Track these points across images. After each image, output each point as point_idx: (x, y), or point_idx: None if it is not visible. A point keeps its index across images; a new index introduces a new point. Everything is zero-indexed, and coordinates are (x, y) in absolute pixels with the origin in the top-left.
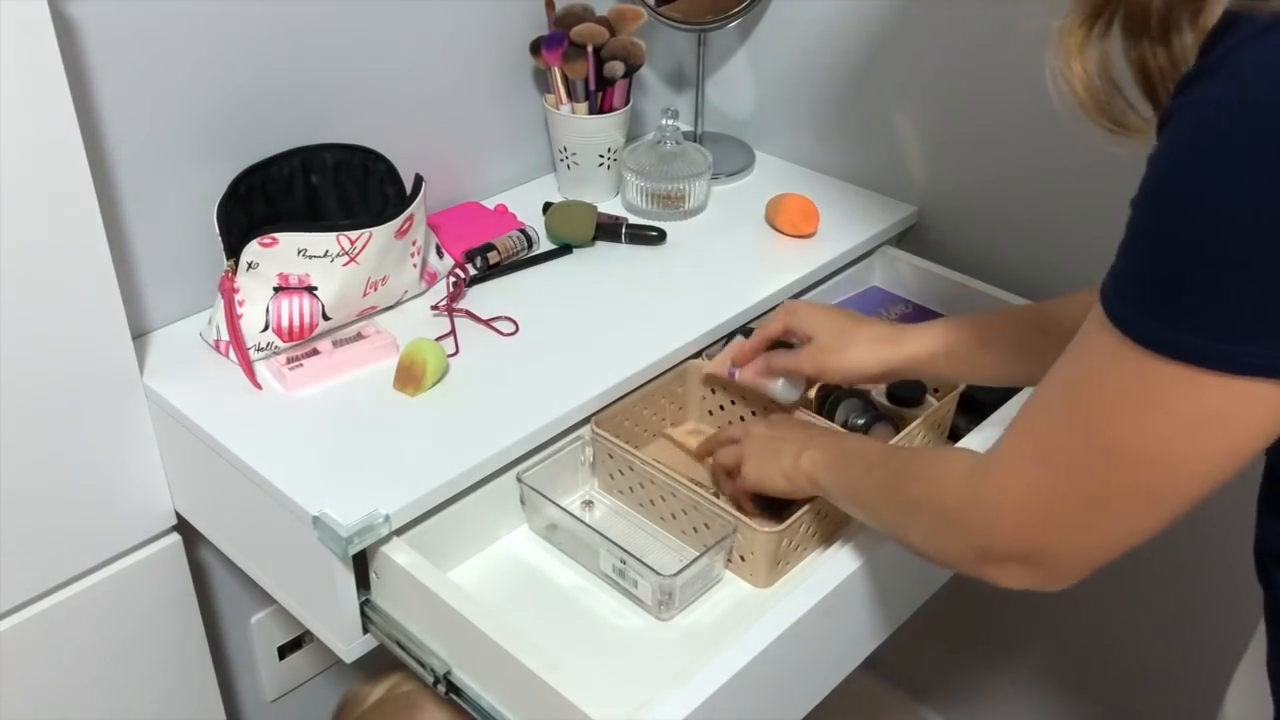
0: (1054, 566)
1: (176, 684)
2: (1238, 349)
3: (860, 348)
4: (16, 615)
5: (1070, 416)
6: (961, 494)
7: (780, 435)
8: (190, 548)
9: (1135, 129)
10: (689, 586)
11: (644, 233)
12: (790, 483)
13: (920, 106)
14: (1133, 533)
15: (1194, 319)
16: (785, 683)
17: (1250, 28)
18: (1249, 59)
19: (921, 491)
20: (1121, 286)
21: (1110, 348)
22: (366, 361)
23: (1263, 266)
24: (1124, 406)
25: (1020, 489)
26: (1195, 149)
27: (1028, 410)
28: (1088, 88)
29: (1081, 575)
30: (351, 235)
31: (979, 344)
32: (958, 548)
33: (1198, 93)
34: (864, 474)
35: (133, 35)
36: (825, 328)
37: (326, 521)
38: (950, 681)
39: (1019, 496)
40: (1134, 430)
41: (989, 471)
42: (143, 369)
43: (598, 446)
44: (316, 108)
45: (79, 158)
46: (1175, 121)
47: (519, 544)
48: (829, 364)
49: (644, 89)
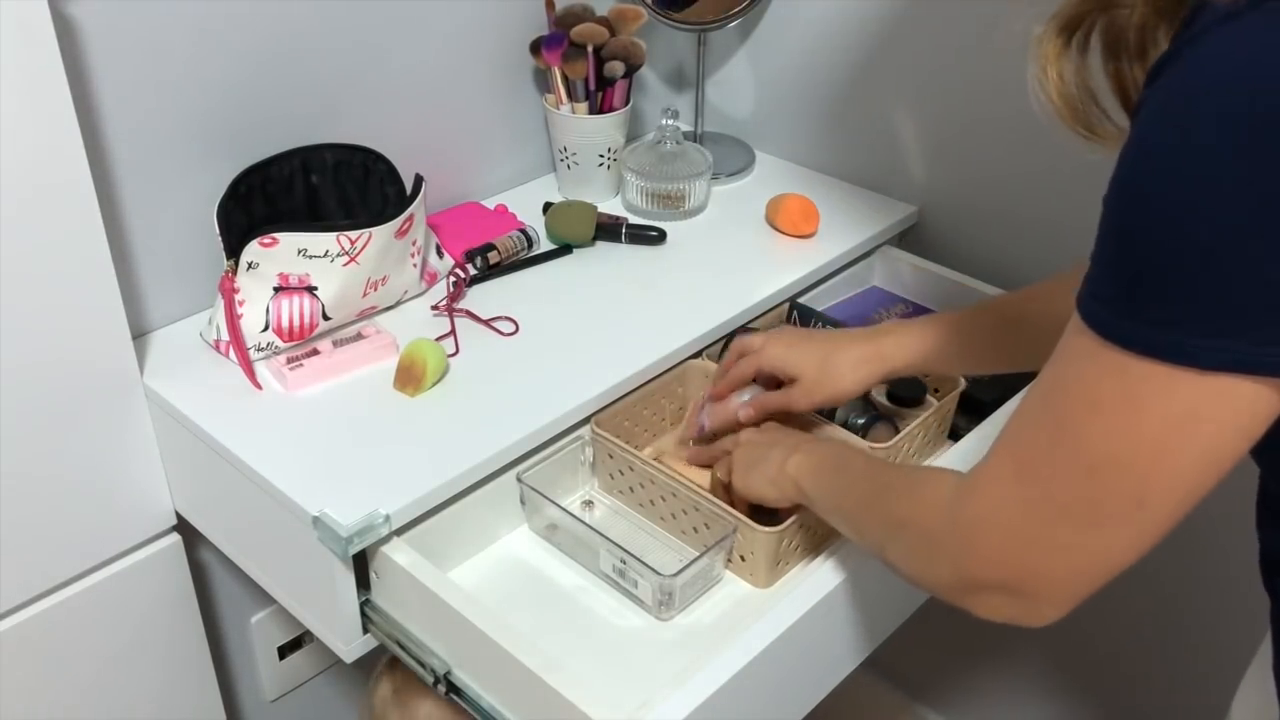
0: (1038, 595)
1: (176, 684)
2: (1208, 344)
3: (847, 376)
4: (16, 615)
5: (1049, 424)
6: (945, 515)
7: (769, 440)
8: (190, 548)
9: (1109, 137)
10: (689, 586)
11: (644, 233)
12: (777, 489)
13: (920, 106)
14: (1117, 550)
15: (1164, 315)
16: (785, 683)
17: (1212, 15)
18: (1209, 47)
19: (906, 511)
20: (1095, 288)
21: (1086, 350)
22: (367, 361)
23: (1230, 259)
24: (1100, 409)
25: (1003, 507)
26: (1158, 141)
27: (1010, 424)
28: (1063, 95)
29: (1066, 606)
30: (351, 235)
31: (959, 345)
32: (940, 572)
33: (1162, 82)
34: (849, 485)
35: (133, 35)
36: (804, 365)
37: (326, 521)
38: (950, 681)
39: (1001, 515)
40: (1111, 433)
41: (973, 490)
42: (143, 369)
43: (598, 446)
44: (316, 108)
45: (79, 158)
46: (1142, 112)
47: (519, 544)
48: (820, 398)
49: (644, 89)
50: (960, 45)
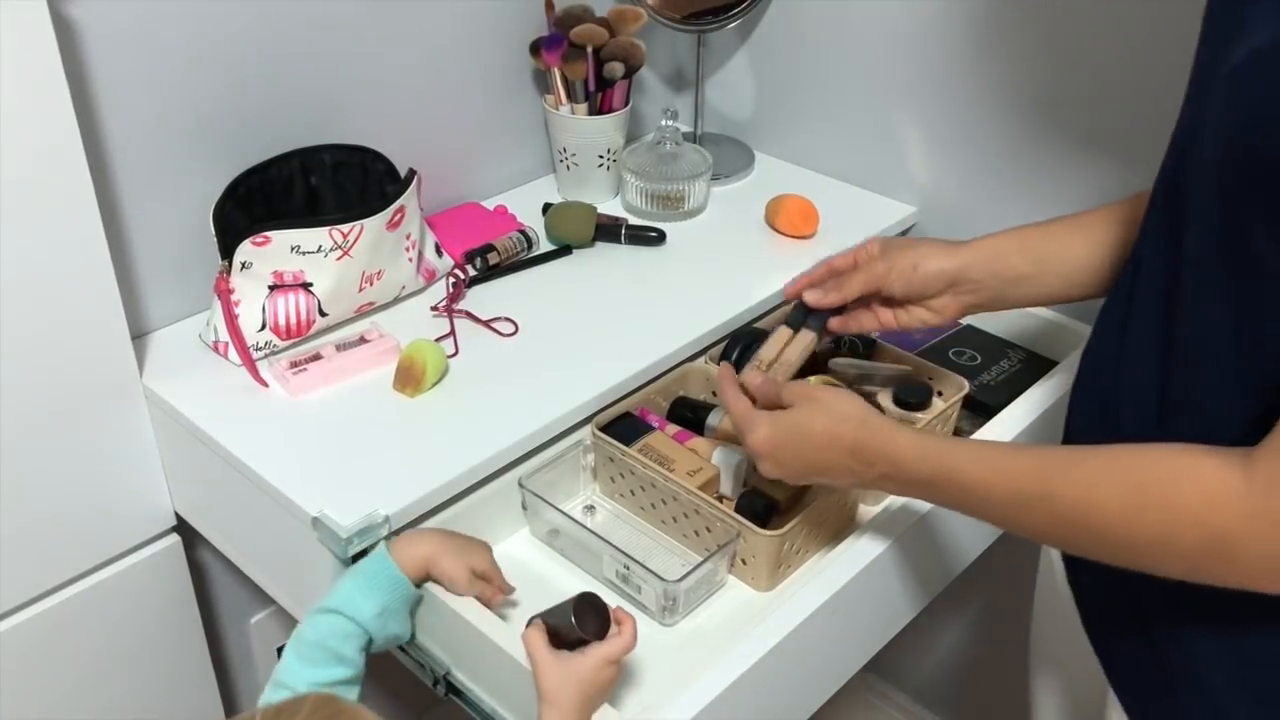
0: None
1: (176, 684)
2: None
3: (926, 245)
4: (16, 615)
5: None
6: (1242, 511)
7: (809, 463)
8: (190, 548)
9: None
10: (693, 591)
11: (644, 233)
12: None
13: (920, 106)
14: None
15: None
16: (788, 686)
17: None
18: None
19: (1162, 519)
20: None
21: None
22: (369, 365)
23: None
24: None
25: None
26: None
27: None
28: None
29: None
30: (343, 228)
31: (1046, 235)
32: (1248, 568)
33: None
34: (993, 508)
35: (133, 36)
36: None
37: (326, 522)
38: (951, 682)
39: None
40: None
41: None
42: (142, 370)
43: (599, 450)
44: (316, 108)
45: (79, 159)
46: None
47: (520, 547)
48: (900, 261)
49: (644, 90)
50: (960, 45)
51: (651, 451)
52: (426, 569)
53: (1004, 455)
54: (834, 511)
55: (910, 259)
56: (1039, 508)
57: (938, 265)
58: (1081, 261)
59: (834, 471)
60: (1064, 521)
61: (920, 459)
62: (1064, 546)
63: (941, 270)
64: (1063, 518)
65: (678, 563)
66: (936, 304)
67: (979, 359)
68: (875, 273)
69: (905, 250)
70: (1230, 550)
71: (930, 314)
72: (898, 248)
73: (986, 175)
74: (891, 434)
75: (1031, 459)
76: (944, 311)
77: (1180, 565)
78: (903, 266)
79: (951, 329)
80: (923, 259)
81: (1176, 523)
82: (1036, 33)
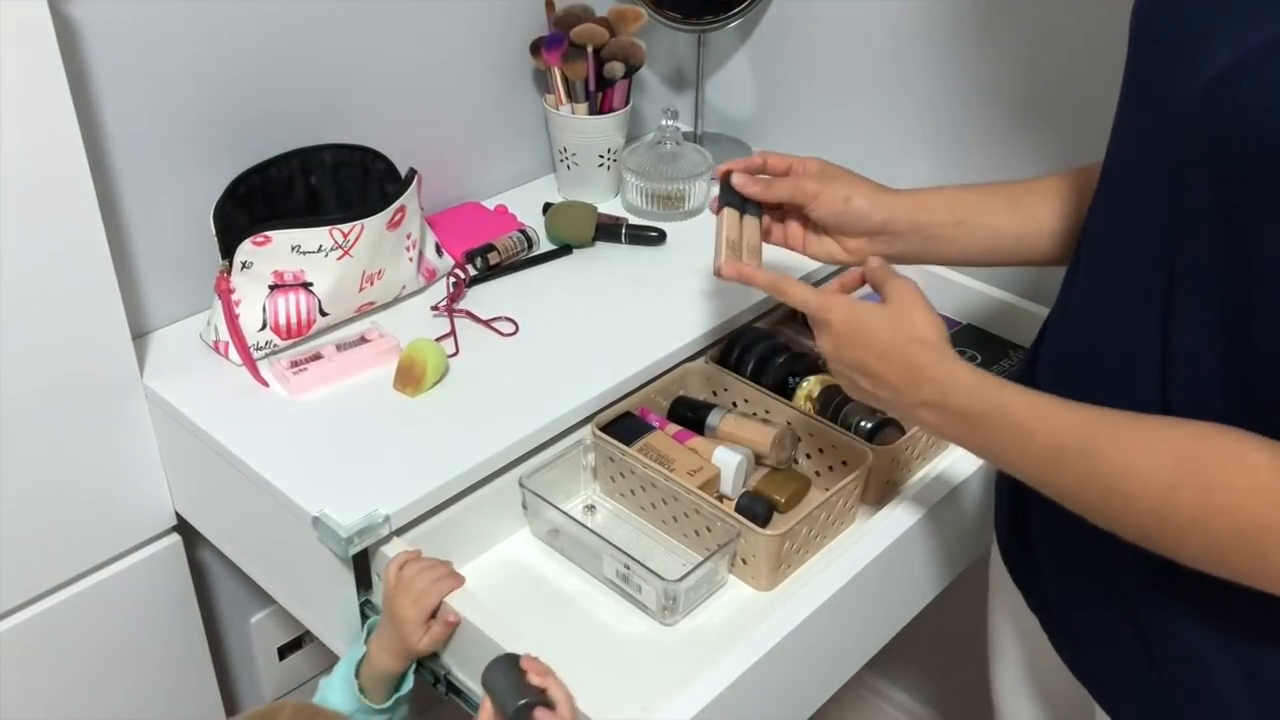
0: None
1: (176, 684)
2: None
3: (862, 184)
4: (16, 615)
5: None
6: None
7: (870, 375)
8: (190, 548)
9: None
10: (694, 591)
11: (644, 233)
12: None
13: (921, 106)
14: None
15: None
16: (788, 686)
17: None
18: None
19: (1196, 504)
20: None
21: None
22: (370, 365)
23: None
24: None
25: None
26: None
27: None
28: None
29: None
30: (344, 228)
31: (977, 197)
32: (1256, 573)
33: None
34: (1035, 461)
35: (133, 36)
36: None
37: (326, 522)
38: (951, 682)
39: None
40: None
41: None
42: (143, 370)
43: (599, 449)
44: (316, 108)
45: (79, 159)
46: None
47: (520, 547)
48: (832, 190)
49: (644, 89)
50: (960, 45)
51: (652, 451)
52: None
53: (1052, 405)
54: (836, 513)
55: (843, 191)
56: (1075, 465)
57: (867, 208)
58: (1007, 227)
59: (878, 382)
60: (1097, 484)
61: (973, 393)
62: (1088, 513)
63: (868, 214)
64: (1098, 479)
65: (678, 562)
66: (852, 244)
67: (979, 359)
68: (805, 190)
69: (840, 181)
70: (1264, 545)
71: (842, 252)
72: (835, 175)
73: (987, 175)
74: (955, 363)
75: (1080, 415)
76: (856, 253)
77: (1208, 555)
78: (833, 196)
79: (951, 329)
80: (856, 195)
81: (1215, 506)
82: (1037, 33)
